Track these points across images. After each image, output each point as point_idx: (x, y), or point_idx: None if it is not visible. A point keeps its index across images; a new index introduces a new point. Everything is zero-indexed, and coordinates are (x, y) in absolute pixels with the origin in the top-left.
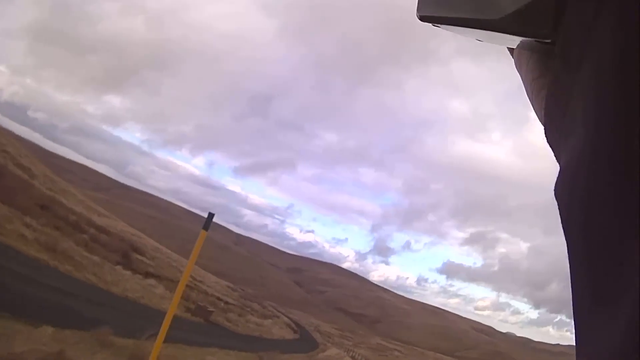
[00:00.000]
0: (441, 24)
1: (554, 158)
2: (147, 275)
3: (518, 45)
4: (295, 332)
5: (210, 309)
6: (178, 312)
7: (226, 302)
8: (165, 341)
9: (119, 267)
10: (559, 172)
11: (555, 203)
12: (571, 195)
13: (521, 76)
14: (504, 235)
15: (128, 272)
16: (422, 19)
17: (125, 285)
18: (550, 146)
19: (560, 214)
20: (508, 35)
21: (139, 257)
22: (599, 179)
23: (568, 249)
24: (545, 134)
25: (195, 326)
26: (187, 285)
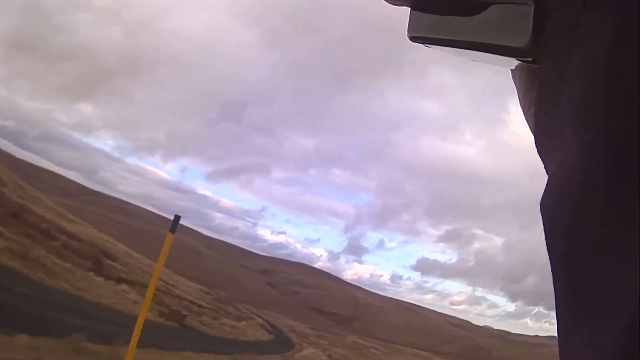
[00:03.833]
0: (432, 44)
1: (543, 168)
2: (120, 280)
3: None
4: (270, 333)
5: (184, 312)
6: (152, 317)
7: (200, 306)
8: (139, 346)
9: (91, 274)
10: (546, 184)
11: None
12: (556, 211)
13: (517, 91)
14: (479, 232)
15: (100, 279)
16: (413, 39)
17: (98, 291)
18: (540, 156)
19: (544, 229)
20: (499, 56)
21: (111, 263)
22: (588, 197)
23: (551, 267)
24: (535, 143)
25: (169, 330)
26: (160, 290)
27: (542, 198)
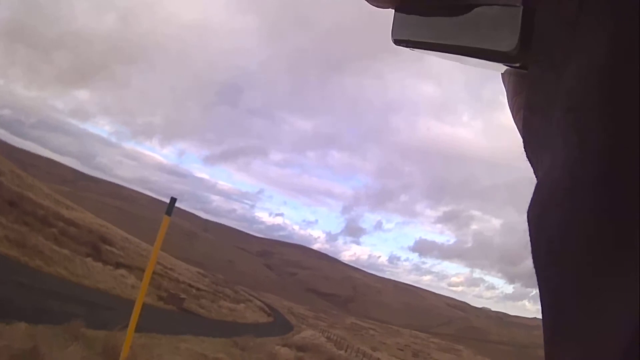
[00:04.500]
0: (416, 48)
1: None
2: (118, 265)
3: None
4: (269, 315)
5: (182, 296)
6: (150, 301)
7: (198, 289)
8: (138, 331)
9: (89, 260)
10: (534, 191)
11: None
12: (543, 221)
13: (506, 94)
14: (476, 213)
15: (98, 264)
16: (397, 42)
17: (96, 277)
18: (529, 160)
19: (530, 239)
20: (485, 61)
21: (109, 248)
22: (576, 207)
23: (537, 279)
24: (524, 147)
25: (168, 314)
26: (157, 274)
27: (529, 206)
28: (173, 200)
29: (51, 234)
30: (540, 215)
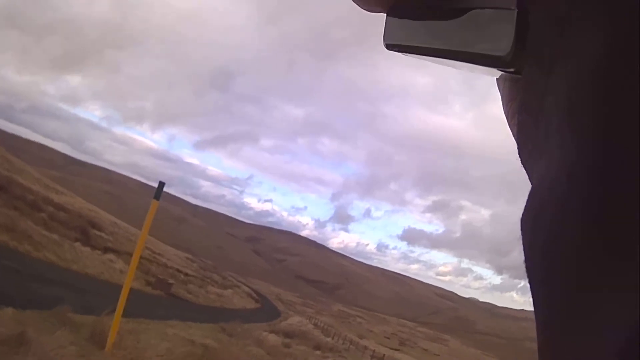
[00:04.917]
0: (409, 52)
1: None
2: (106, 250)
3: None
4: (256, 301)
5: (170, 281)
6: (138, 286)
7: (186, 274)
8: (125, 316)
9: (77, 244)
10: (528, 196)
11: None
12: (536, 227)
13: (501, 100)
14: (466, 204)
15: (87, 249)
16: (389, 47)
17: (84, 262)
18: (523, 165)
19: (523, 246)
20: (479, 66)
21: (97, 232)
22: (569, 215)
23: (530, 286)
24: (518, 151)
25: (155, 299)
26: (146, 259)
27: (524, 209)
28: (161, 184)
29: (40, 219)
30: (536, 216)
